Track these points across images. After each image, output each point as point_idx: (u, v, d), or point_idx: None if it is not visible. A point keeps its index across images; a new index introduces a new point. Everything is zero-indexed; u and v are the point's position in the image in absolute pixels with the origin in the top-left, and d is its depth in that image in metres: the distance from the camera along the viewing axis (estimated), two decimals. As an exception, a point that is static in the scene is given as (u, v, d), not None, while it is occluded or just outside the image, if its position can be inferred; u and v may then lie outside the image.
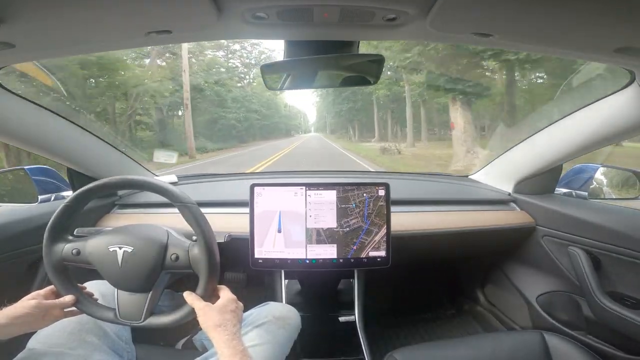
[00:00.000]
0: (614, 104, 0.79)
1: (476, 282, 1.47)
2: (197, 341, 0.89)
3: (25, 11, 0.44)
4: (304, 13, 0.50)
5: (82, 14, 0.47)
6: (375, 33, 0.59)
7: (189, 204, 0.61)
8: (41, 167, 1.07)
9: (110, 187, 0.66)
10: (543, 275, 1.15)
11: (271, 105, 25.27)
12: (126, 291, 0.63)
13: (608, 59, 0.62)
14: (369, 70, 0.73)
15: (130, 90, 10.09)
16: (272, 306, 0.82)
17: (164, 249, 0.62)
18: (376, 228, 0.94)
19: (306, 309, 0.98)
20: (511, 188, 1.21)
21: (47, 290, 0.63)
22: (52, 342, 0.63)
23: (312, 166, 9.35)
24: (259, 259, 0.94)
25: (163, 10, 0.48)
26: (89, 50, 0.64)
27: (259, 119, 22.12)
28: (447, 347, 0.81)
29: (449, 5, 0.46)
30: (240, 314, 0.61)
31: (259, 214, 0.93)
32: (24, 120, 0.81)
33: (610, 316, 0.84)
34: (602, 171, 1.12)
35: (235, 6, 0.47)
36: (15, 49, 0.54)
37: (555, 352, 0.76)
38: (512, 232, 1.12)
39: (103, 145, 1.08)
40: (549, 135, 1.01)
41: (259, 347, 0.69)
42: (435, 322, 1.47)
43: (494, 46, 0.63)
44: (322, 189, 0.94)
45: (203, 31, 0.56)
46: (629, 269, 0.85)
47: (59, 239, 0.63)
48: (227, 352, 0.52)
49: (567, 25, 0.50)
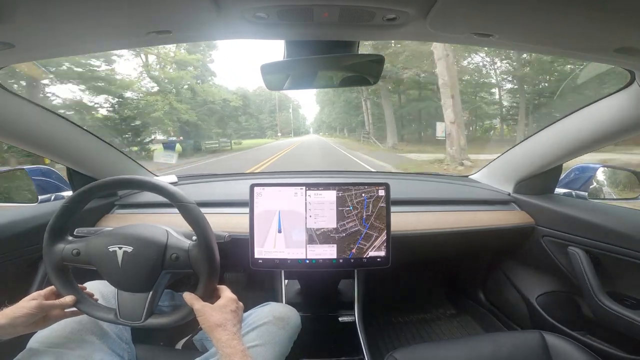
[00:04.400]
0: (614, 104, 0.79)
1: (476, 282, 1.47)
2: (197, 341, 0.89)
3: (25, 11, 0.44)
4: (304, 13, 0.50)
5: (83, 14, 0.47)
6: (375, 33, 0.59)
7: (188, 204, 0.61)
8: (41, 167, 1.07)
9: (110, 187, 0.66)
10: (543, 275, 1.15)
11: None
12: (126, 291, 0.62)
13: (608, 59, 0.62)
14: (369, 70, 0.73)
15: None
16: (272, 306, 0.82)
17: (163, 249, 0.62)
18: (376, 232, 0.94)
19: (306, 309, 0.98)
20: (511, 188, 1.21)
21: (47, 291, 0.63)
22: (52, 342, 0.63)
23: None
24: (259, 259, 0.94)
25: (163, 10, 0.48)
26: (89, 50, 0.64)
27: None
28: (447, 347, 0.81)
29: (448, 6, 0.46)
30: (241, 314, 0.62)
31: (259, 214, 0.93)
32: (23, 120, 0.81)
33: (610, 316, 0.84)
34: (602, 171, 1.12)
35: (236, 6, 0.47)
36: (15, 49, 0.54)
37: (555, 352, 0.76)
38: (512, 232, 1.12)
39: (103, 145, 1.08)
40: (549, 135, 1.01)
41: (259, 347, 0.69)
42: (435, 322, 1.47)
43: (494, 46, 0.63)
44: (322, 189, 0.94)
45: (203, 31, 0.56)
46: (629, 269, 0.85)
47: (59, 239, 0.63)
48: (227, 351, 0.52)
49: (567, 25, 0.50)
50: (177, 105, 15.17)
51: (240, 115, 24.46)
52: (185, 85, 17.04)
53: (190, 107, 16.38)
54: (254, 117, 36.36)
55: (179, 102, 15.49)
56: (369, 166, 8.70)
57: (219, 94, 19.05)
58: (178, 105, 15.28)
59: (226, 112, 20.07)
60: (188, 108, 15.99)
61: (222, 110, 19.38)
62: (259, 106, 43.07)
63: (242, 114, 25.54)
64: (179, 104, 15.37)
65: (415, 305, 1.57)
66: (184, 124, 16.05)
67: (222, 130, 20.74)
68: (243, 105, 23.05)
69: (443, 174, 1.56)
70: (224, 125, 21.03)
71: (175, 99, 15.46)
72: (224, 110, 19.68)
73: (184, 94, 16.74)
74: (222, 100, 19.18)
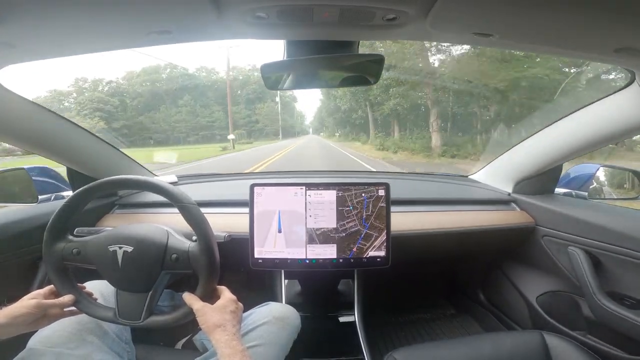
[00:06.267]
0: (614, 104, 0.79)
1: (476, 282, 1.47)
2: (197, 341, 0.89)
3: (25, 11, 0.44)
4: (304, 13, 0.50)
5: (83, 14, 0.47)
6: (375, 33, 0.59)
7: (188, 204, 0.61)
8: (41, 167, 1.07)
9: (110, 187, 0.66)
10: (543, 275, 1.15)
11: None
12: (126, 291, 0.63)
13: (608, 59, 0.62)
14: (369, 70, 0.73)
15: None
16: (272, 306, 0.82)
17: (163, 249, 0.62)
18: (376, 232, 0.94)
19: (306, 309, 0.98)
20: (511, 188, 1.21)
21: (47, 290, 0.63)
22: (52, 342, 0.63)
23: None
24: (259, 259, 0.94)
25: (163, 10, 0.48)
26: (90, 50, 0.64)
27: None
28: (447, 347, 0.81)
29: (448, 5, 0.46)
30: (240, 314, 0.62)
31: (259, 214, 0.93)
32: (24, 120, 0.81)
33: (610, 316, 0.84)
34: (602, 171, 1.12)
35: (235, 6, 0.47)
36: (15, 49, 0.54)
37: (555, 352, 0.76)
38: (512, 232, 1.12)
39: (103, 145, 1.08)
40: (549, 135, 1.01)
41: (258, 347, 0.69)
42: (435, 322, 1.47)
43: (494, 46, 0.63)
44: (322, 189, 0.94)
45: (203, 31, 0.56)
46: (629, 269, 0.85)
47: (59, 239, 0.63)
48: (226, 352, 0.52)
49: (567, 25, 0.50)
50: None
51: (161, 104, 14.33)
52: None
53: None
54: (208, 108, 23.22)
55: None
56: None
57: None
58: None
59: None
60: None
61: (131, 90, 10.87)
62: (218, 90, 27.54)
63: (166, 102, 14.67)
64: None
65: (415, 305, 1.57)
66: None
67: (108, 125, 11.96)
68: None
69: (443, 174, 1.56)
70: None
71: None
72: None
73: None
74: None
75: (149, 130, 18.63)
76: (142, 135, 17.52)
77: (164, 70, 22.93)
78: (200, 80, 26.13)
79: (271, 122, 35.60)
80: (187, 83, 22.53)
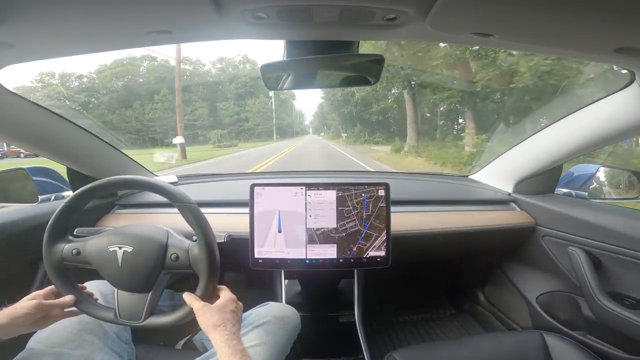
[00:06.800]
0: (614, 104, 0.79)
1: (476, 282, 1.47)
2: (197, 341, 0.89)
3: (25, 11, 0.44)
4: (304, 13, 0.50)
5: (82, 14, 0.47)
6: (375, 33, 0.59)
7: (189, 204, 0.61)
8: (41, 167, 1.07)
9: (110, 187, 0.66)
10: (543, 275, 1.15)
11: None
12: (126, 291, 0.63)
13: (608, 59, 0.62)
14: (369, 70, 0.73)
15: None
16: (272, 306, 0.82)
17: (164, 249, 0.62)
18: (376, 232, 0.94)
19: (306, 309, 0.98)
20: (511, 188, 1.21)
21: (47, 291, 0.63)
22: (52, 342, 0.63)
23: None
24: (259, 259, 0.94)
25: (163, 10, 0.48)
26: (90, 50, 0.64)
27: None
28: (447, 347, 0.81)
29: (448, 5, 0.46)
30: (240, 314, 0.62)
31: (259, 214, 0.93)
32: (24, 120, 0.81)
33: (610, 316, 0.84)
34: (602, 171, 1.12)
35: (235, 6, 0.47)
36: (15, 49, 0.54)
37: (555, 352, 0.76)
38: (512, 232, 1.12)
39: (103, 145, 1.08)
40: (549, 135, 1.01)
41: (258, 347, 0.69)
42: (435, 322, 1.47)
43: (494, 46, 0.63)
44: (322, 189, 0.94)
45: (203, 31, 0.56)
46: (629, 269, 0.85)
47: (59, 239, 0.63)
48: (226, 352, 0.52)
49: (567, 25, 0.50)
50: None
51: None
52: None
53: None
54: (190, 105, 18.41)
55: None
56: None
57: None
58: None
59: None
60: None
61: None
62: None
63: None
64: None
65: (415, 305, 1.57)
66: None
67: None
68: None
69: (443, 173, 1.56)
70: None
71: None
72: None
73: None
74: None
75: (120, 130, 16.32)
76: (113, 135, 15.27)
77: (142, 62, 20.08)
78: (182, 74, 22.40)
79: (264, 120, 30.27)
80: (166, 76, 19.41)
